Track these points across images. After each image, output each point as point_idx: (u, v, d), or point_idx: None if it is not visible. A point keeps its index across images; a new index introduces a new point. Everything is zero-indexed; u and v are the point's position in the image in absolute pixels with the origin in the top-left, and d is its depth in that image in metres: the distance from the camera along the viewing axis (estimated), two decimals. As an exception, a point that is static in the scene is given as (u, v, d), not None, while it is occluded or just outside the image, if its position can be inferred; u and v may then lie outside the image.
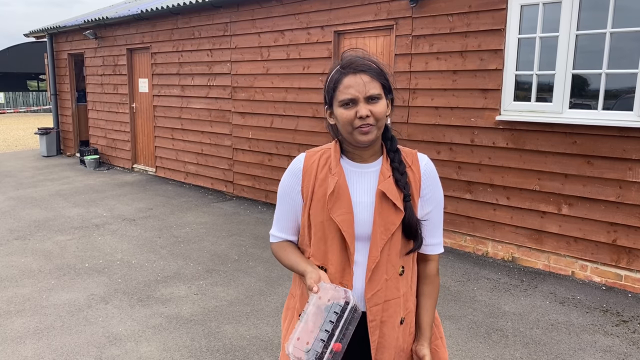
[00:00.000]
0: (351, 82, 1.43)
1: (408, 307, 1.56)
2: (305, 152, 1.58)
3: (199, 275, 4.54)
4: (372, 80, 1.43)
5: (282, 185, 1.59)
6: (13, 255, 5.06)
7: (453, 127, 5.11)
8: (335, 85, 1.46)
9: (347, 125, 1.44)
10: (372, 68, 1.45)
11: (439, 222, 1.58)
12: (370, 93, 1.42)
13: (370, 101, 1.42)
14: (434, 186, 1.55)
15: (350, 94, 1.42)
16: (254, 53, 7.05)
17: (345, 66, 1.46)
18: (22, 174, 9.52)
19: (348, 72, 1.44)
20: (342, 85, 1.44)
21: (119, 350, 3.27)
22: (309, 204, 1.52)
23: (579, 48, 4.35)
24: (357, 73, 1.43)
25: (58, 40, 11.61)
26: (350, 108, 1.43)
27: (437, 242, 1.59)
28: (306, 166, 1.54)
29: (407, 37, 5.36)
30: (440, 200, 1.57)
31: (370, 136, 1.44)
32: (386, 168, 1.50)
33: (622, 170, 4.18)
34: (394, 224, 1.47)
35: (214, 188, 8.06)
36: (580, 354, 3.23)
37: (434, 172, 1.56)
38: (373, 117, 1.42)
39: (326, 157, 1.54)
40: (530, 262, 4.78)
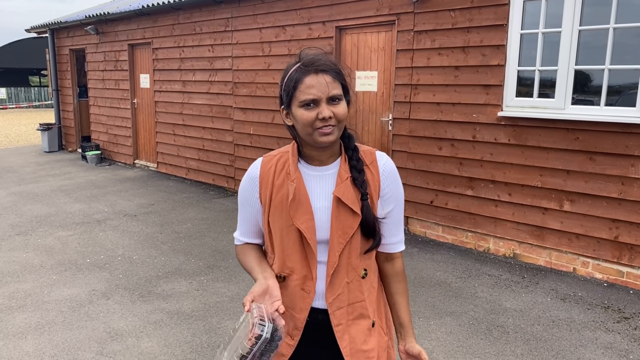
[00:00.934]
0: (313, 82, 1.37)
1: (375, 308, 1.55)
2: (262, 157, 1.54)
3: (200, 271, 4.55)
4: (333, 80, 1.38)
5: (240, 190, 1.57)
6: (15, 250, 5.07)
7: (455, 123, 5.10)
8: (295, 85, 1.39)
9: (308, 127, 1.38)
10: (333, 68, 1.40)
11: (399, 221, 1.56)
12: (333, 94, 1.37)
13: (331, 102, 1.38)
14: (393, 185, 1.51)
15: (313, 95, 1.36)
16: (255, 48, 7.03)
17: (306, 64, 1.39)
18: (24, 170, 9.53)
19: (309, 71, 1.37)
20: (303, 84, 1.37)
21: (120, 345, 3.28)
22: (268, 210, 1.50)
23: (581, 44, 4.33)
24: (319, 73, 1.37)
25: (59, 36, 11.60)
26: (312, 109, 1.37)
27: (399, 240, 1.57)
28: (262, 172, 1.51)
29: (409, 32, 5.33)
30: (401, 198, 1.54)
31: (332, 137, 1.39)
32: (344, 170, 1.46)
33: (624, 166, 4.16)
34: (351, 227, 1.44)
35: (215, 184, 8.06)
36: (581, 351, 3.23)
37: (393, 170, 1.52)
38: (335, 118, 1.38)
39: (283, 162, 1.50)
40: (531, 258, 4.77)
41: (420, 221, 5.55)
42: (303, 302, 1.47)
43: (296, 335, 1.48)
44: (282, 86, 1.44)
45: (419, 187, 5.46)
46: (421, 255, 4.95)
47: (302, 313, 1.47)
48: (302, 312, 1.47)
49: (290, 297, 1.48)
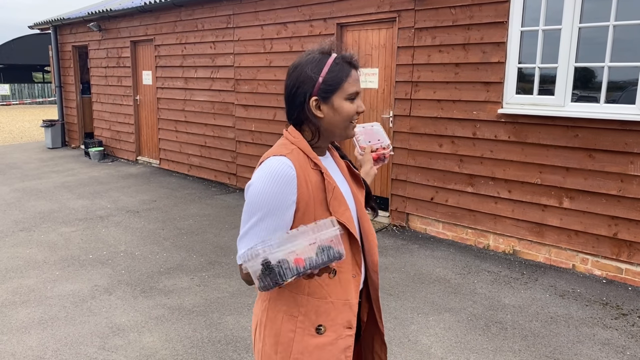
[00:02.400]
0: (357, 76, 1.46)
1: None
2: (284, 156, 1.38)
3: (201, 266, 4.58)
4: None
5: (268, 196, 1.34)
6: (18, 246, 5.12)
7: (455, 120, 5.11)
8: (344, 77, 1.42)
9: (347, 120, 1.45)
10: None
11: None
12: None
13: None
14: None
15: (358, 88, 1.45)
16: (256, 45, 7.05)
17: (350, 59, 1.46)
18: (28, 166, 9.59)
19: (355, 66, 1.46)
20: (352, 78, 1.43)
21: (122, 340, 3.32)
22: (313, 211, 1.38)
23: (581, 41, 4.33)
24: (358, 69, 1.48)
25: (62, 33, 11.63)
26: (353, 102, 1.45)
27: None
28: (299, 173, 1.37)
29: (410, 29, 5.34)
30: None
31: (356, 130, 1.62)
32: (335, 155, 1.61)
33: (623, 163, 4.17)
34: (363, 200, 1.61)
35: (217, 180, 8.09)
36: (579, 347, 3.26)
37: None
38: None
39: (302, 158, 1.41)
40: (531, 255, 4.79)
41: (421, 218, 5.57)
42: (356, 287, 1.49)
43: (354, 324, 1.48)
44: (324, 76, 1.39)
45: (419, 183, 5.48)
46: (421, 252, 4.98)
47: (356, 298, 1.49)
48: (356, 296, 1.50)
49: (344, 288, 1.45)
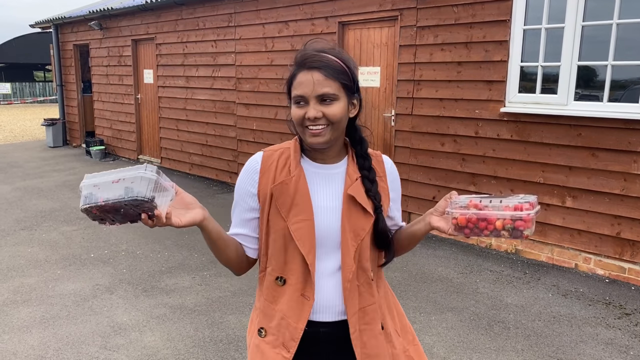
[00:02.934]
0: (303, 78, 1.32)
1: (383, 310, 1.48)
2: (262, 151, 1.46)
3: (203, 266, 4.58)
4: (325, 79, 1.30)
5: (237, 185, 1.47)
6: (20, 245, 5.11)
7: (457, 119, 5.09)
8: (290, 81, 1.36)
9: (298, 125, 1.34)
10: (329, 65, 1.32)
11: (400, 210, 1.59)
12: (322, 92, 1.30)
13: (323, 101, 1.31)
14: (397, 186, 1.52)
15: (301, 91, 1.31)
16: (258, 44, 7.04)
17: (299, 61, 1.35)
18: (29, 165, 9.59)
19: (302, 67, 1.33)
20: (296, 80, 1.33)
21: (123, 339, 3.31)
22: (268, 209, 1.40)
23: (585, 39, 4.31)
24: (310, 69, 1.31)
25: (63, 31, 11.63)
26: (302, 107, 1.32)
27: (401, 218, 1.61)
28: (264, 167, 1.41)
29: (412, 28, 5.32)
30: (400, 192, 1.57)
31: (321, 139, 1.32)
32: (352, 170, 1.40)
33: (627, 162, 4.16)
34: (363, 229, 1.38)
35: (218, 179, 8.09)
36: (582, 346, 3.24)
37: (396, 173, 1.53)
38: (325, 119, 1.31)
39: (285, 158, 1.42)
40: (533, 254, 4.77)
41: (423, 217, 5.55)
42: (302, 310, 1.38)
43: (292, 347, 1.38)
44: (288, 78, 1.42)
45: (421, 182, 5.47)
46: (423, 251, 4.97)
47: (300, 322, 1.38)
48: (300, 320, 1.38)
49: (288, 304, 1.39)
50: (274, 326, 1.41)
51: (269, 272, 1.44)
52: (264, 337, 1.43)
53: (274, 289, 1.42)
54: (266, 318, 1.44)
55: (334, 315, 1.41)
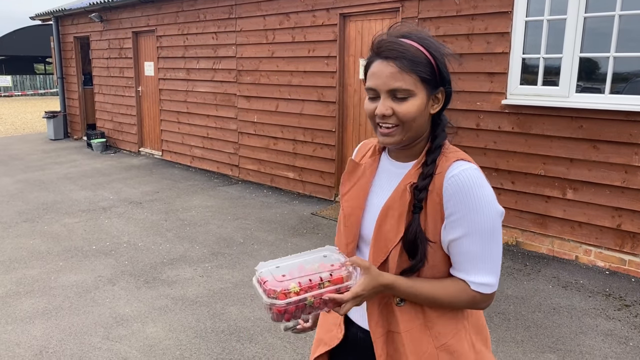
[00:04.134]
0: (376, 69, 1.17)
1: (425, 350, 1.22)
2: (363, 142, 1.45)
3: (204, 257, 4.59)
4: (400, 72, 1.14)
5: None
6: (22, 237, 5.13)
7: (458, 111, 5.09)
8: (366, 69, 1.22)
9: (371, 120, 1.22)
10: (409, 55, 1.14)
11: (477, 257, 1.17)
12: (395, 87, 1.14)
13: (394, 97, 1.16)
14: (462, 205, 1.15)
15: (372, 83, 1.18)
16: (259, 36, 7.02)
17: (376, 48, 1.19)
18: (30, 157, 9.60)
19: (378, 56, 1.18)
20: (370, 70, 1.19)
21: (125, 330, 3.33)
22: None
23: (587, 31, 4.30)
24: (385, 59, 1.16)
25: (64, 24, 11.59)
26: (373, 101, 1.20)
27: (476, 282, 1.18)
28: (358, 154, 1.40)
29: (413, 19, 5.30)
30: (476, 227, 1.15)
31: (391, 139, 1.19)
32: (411, 174, 1.22)
33: (628, 154, 4.15)
34: (392, 242, 1.20)
35: (219, 172, 8.09)
36: (581, 337, 3.26)
37: (465, 187, 1.15)
38: (396, 117, 1.16)
39: (374, 147, 1.36)
40: (534, 246, 4.79)
41: (424, 209, 5.56)
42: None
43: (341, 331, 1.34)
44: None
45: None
46: (424, 243, 4.98)
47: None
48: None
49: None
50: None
51: None
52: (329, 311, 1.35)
53: None
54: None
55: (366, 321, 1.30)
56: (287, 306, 1.11)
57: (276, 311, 1.11)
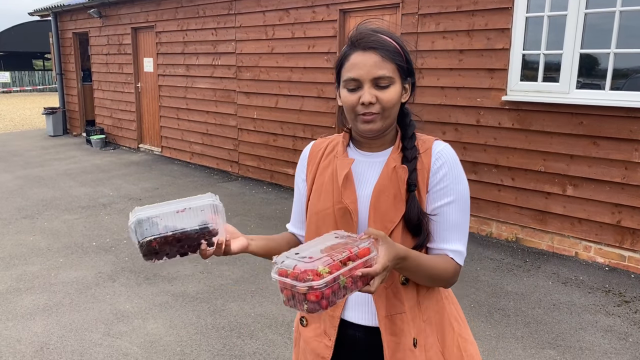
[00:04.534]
0: (358, 60, 1.22)
1: (418, 325, 1.30)
2: (315, 139, 1.47)
3: (204, 254, 4.59)
4: (383, 60, 1.20)
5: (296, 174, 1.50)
6: (22, 233, 5.13)
7: (459, 107, 5.08)
8: (341, 62, 1.26)
9: (350, 112, 1.26)
10: (387, 45, 1.22)
11: (456, 225, 1.27)
12: (378, 75, 1.20)
13: (377, 86, 1.21)
14: (447, 177, 1.27)
15: (355, 74, 1.22)
16: (258, 32, 7.00)
17: (354, 41, 1.24)
18: (29, 154, 9.59)
19: (357, 48, 1.23)
20: (348, 62, 1.24)
21: (126, 327, 3.34)
22: (309, 194, 1.39)
23: (587, 27, 4.29)
24: (366, 50, 1.21)
25: (62, 19, 11.56)
26: (354, 92, 1.23)
27: (453, 249, 1.27)
28: (312, 154, 1.42)
29: (414, 15, 5.29)
30: (458, 196, 1.27)
31: (373, 126, 1.24)
32: (393, 158, 1.29)
33: (628, 151, 4.16)
34: (392, 221, 1.24)
35: (219, 168, 8.09)
36: (581, 334, 3.27)
37: (449, 161, 1.28)
38: (379, 105, 1.21)
39: (333, 145, 1.39)
40: (534, 242, 4.79)
41: (423, 205, 5.56)
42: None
43: (332, 335, 1.33)
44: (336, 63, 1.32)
45: (422, 171, 5.46)
46: (424, 239, 4.98)
47: (337, 310, 1.32)
48: (337, 309, 1.32)
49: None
50: (315, 315, 1.38)
51: None
52: (306, 326, 1.41)
53: None
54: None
55: (367, 318, 1.31)
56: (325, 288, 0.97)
57: (314, 297, 0.98)
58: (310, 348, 1.38)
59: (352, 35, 1.26)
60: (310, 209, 1.37)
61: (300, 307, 1.00)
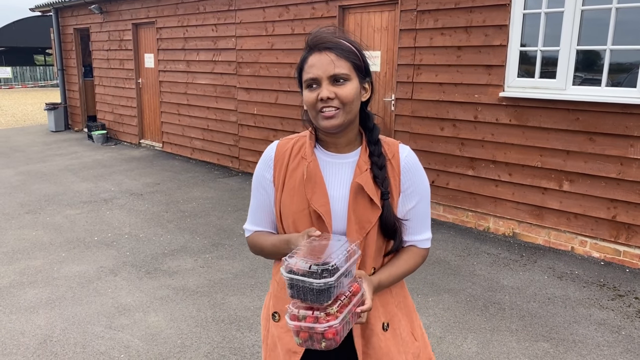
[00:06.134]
0: (314, 60, 1.30)
1: (390, 310, 1.43)
2: (278, 140, 1.49)
3: (205, 248, 4.65)
4: (338, 58, 1.29)
5: (254, 175, 1.50)
6: (24, 228, 5.19)
7: (457, 104, 5.12)
8: (301, 65, 1.35)
9: (311, 109, 1.32)
10: (341, 45, 1.31)
11: (425, 217, 1.44)
12: (334, 72, 1.28)
13: (335, 82, 1.29)
14: (416, 179, 1.41)
15: (313, 74, 1.29)
16: (258, 28, 7.03)
17: (311, 45, 1.33)
18: (31, 149, 9.64)
19: (313, 50, 1.32)
20: (307, 64, 1.32)
21: (127, 320, 3.40)
22: (280, 195, 1.41)
23: (584, 23, 4.32)
24: (322, 51, 1.30)
25: (64, 15, 11.58)
26: (314, 90, 1.30)
27: (424, 239, 1.45)
28: (278, 154, 1.44)
29: (412, 12, 5.32)
30: (425, 193, 1.43)
31: (335, 121, 1.30)
32: (364, 160, 1.37)
33: (623, 147, 4.19)
34: (369, 222, 1.33)
35: (220, 164, 8.14)
36: (575, 327, 3.32)
37: (416, 164, 1.42)
38: (338, 100, 1.28)
39: (299, 146, 1.43)
40: (530, 237, 4.84)
41: (422, 201, 5.60)
42: None
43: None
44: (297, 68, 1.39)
45: (420, 167, 5.50)
46: (422, 234, 5.03)
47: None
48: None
49: None
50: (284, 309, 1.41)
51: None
52: (278, 321, 1.44)
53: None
54: (279, 302, 1.45)
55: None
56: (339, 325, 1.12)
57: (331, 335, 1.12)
58: (283, 343, 1.42)
59: (309, 39, 1.34)
60: (284, 209, 1.40)
61: (317, 346, 1.14)
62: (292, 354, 1.39)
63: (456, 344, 3.13)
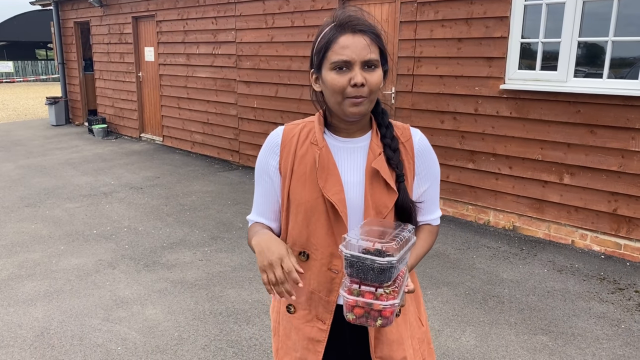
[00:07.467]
0: (348, 42, 1.21)
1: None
2: (283, 125, 1.41)
3: (204, 242, 4.64)
4: (372, 43, 1.22)
5: (258, 162, 1.42)
6: (24, 221, 5.19)
7: (457, 96, 5.09)
8: (328, 45, 1.24)
9: (337, 94, 1.24)
10: (374, 29, 1.25)
11: (435, 198, 1.44)
12: (369, 57, 1.21)
13: (367, 68, 1.22)
14: (429, 161, 1.39)
15: (347, 56, 1.21)
16: (258, 21, 6.99)
17: (343, 23, 1.24)
18: (32, 143, 9.64)
19: (346, 30, 1.22)
20: (337, 44, 1.22)
21: (125, 312, 3.39)
22: (289, 182, 1.35)
23: (586, 15, 4.28)
24: (356, 33, 1.22)
25: (64, 9, 11.55)
26: (344, 73, 1.22)
27: (435, 217, 1.46)
28: (285, 140, 1.37)
29: (412, 3, 5.28)
30: (436, 175, 1.42)
31: (362, 108, 1.25)
32: (376, 144, 1.32)
33: (625, 139, 4.16)
34: (386, 206, 1.30)
35: (220, 157, 8.12)
36: (574, 320, 3.30)
37: (428, 147, 1.40)
38: (367, 88, 1.23)
39: (307, 131, 1.37)
40: (530, 231, 4.82)
41: (422, 194, 5.58)
42: (332, 283, 1.34)
43: (327, 319, 1.37)
44: (314, 47, 1.29)
45: (420, 160, 5.48)
46: (421, 228, 5.01)
47: (332, 296, 1.35)
48: (332, 294, 1.35)
49: (317, 279, 1.35)
50: (304, 301, 1.39)
51: (291, 247, 1.37)
52: (294, 313, 1.42)
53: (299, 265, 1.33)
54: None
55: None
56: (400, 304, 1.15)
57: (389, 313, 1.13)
58: (302, 333, 1.40)
59: (340, 17, 1.25)
60: (294, 198, 1.34)
61: (372, 323, 1.14)
62: (315, 342, 1.38)
63: (455, 337, 3.11)
